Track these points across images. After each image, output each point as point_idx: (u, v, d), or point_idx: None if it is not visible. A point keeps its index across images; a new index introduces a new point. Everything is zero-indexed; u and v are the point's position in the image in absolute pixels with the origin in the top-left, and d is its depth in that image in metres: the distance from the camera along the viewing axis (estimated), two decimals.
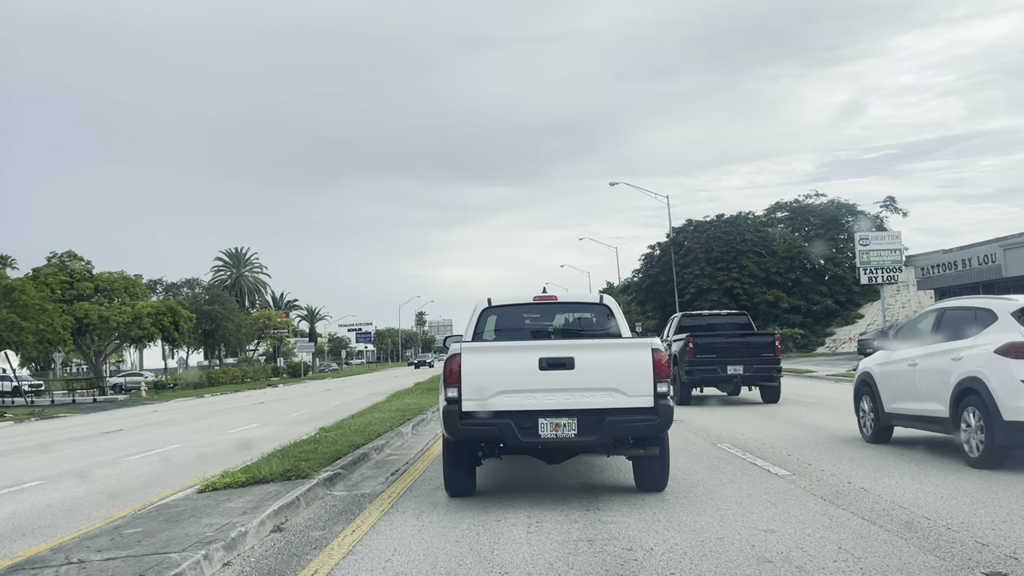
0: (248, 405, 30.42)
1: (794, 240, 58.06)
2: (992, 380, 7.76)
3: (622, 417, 6.64)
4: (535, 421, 6.65)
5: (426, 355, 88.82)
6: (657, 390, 6.65)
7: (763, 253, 57.37)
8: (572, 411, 6.65)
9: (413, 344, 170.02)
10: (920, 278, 47.69)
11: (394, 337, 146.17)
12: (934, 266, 45.27)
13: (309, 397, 33.71)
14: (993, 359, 7.84)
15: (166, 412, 29.34)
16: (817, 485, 7.30)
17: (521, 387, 6.69)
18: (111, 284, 44.18)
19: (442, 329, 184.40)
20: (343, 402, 26.37)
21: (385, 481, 8.84)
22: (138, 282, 46.73)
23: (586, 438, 6.67)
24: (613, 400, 6.66)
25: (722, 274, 57.05)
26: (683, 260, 58.52)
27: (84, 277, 43.30)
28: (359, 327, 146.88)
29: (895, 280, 41.62)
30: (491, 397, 6.66)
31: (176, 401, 38.14)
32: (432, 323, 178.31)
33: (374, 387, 37.32)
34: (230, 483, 8.02)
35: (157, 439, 16.91)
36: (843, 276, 56.88)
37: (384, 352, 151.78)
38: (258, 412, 25.38)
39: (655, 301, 63.73)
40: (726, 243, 57.87)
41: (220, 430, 18.37)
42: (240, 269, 76.15)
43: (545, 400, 6.68)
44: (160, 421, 23.85)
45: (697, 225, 60.75)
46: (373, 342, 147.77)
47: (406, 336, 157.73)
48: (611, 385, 6.68)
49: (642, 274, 66.60)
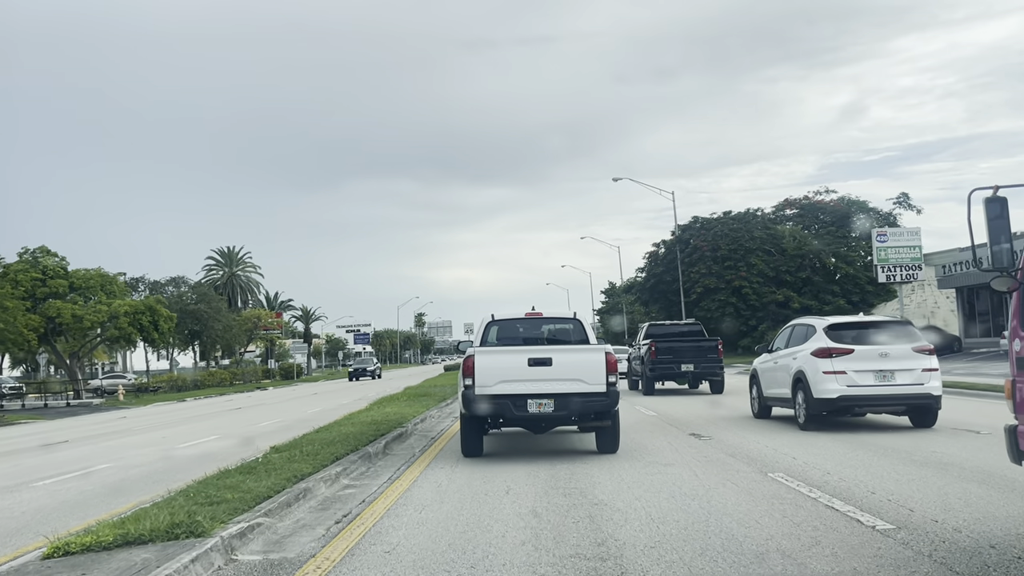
0: (223, 411, 27.97)
1: (804, 238, 55.54)
2: (808, 372, 11.71)
3: (585, 398, 9.50)
4: (525, 401, 9.49)
5: (367, 361, 60.56)
6: (608, 380, 9.51)
7: (772, 251, 54.90)
8: (551, 394, 9.49)
9: (412, 345, 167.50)
10: (940, 276, 45.17)
11: (393, 339, 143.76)
12: (955, 264, 42.75)
13: (292, 402, 31.27)
14: (810, 359, 11.75)
15: (134, 419, 26.89)
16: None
17: (515, 378, 9.51)
18: (87, 282, 41.57)
19: (441, 330, 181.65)
20: (324, 408, 23.95)
21: (325, 535, 6.39)
22: (115, 280, 44.09)
23: (560, 413, 9.58)
24: (579, 387, 9.50)
25: (730, 273, 54.56)
26: (689, 258, 56.03)
27: (58, 274, 40.69)
28: (357, 328, 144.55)
29: (914, 278, 39.18)
30: (494, 385, 9.49)
31: (154, 406, 35.71)
32: (431, 324, 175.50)
33: (365, 390, 34.88)
34: (90, 544, 5.57)
35: (95, 455, 14.48)
36: (855, 275, 54.32)
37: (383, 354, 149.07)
38: (228, 420, 22.94)
39: (660, 301, 61.23)
40: (734, 240, 55.36)
41: (172, 443, 15.93)
42: (232, 268, 73.61)
43: (532, 387, 9.50)
44: (117, 430, 21.40)
45: (704, 223, 58.26)
46: (372, 343, 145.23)
47: (404, 337, 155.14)
48: (577, 377, 9.53)
49: (646, 273, 64.04)
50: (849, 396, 11.36)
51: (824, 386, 11.46)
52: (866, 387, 11.36)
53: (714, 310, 54.20)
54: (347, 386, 46.55)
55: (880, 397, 11.40)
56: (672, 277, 57.28)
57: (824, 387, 11.45)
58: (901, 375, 11.38)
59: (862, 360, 11.42)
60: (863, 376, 11.40)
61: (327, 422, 15.69)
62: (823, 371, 11.53)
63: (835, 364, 11.49)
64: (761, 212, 59.35)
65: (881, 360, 11.44)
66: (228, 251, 73.41)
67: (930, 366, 11.48)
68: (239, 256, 73.69)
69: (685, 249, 56.36)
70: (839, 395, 11.37)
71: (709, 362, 21.66)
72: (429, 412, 18.09)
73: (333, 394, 35.71)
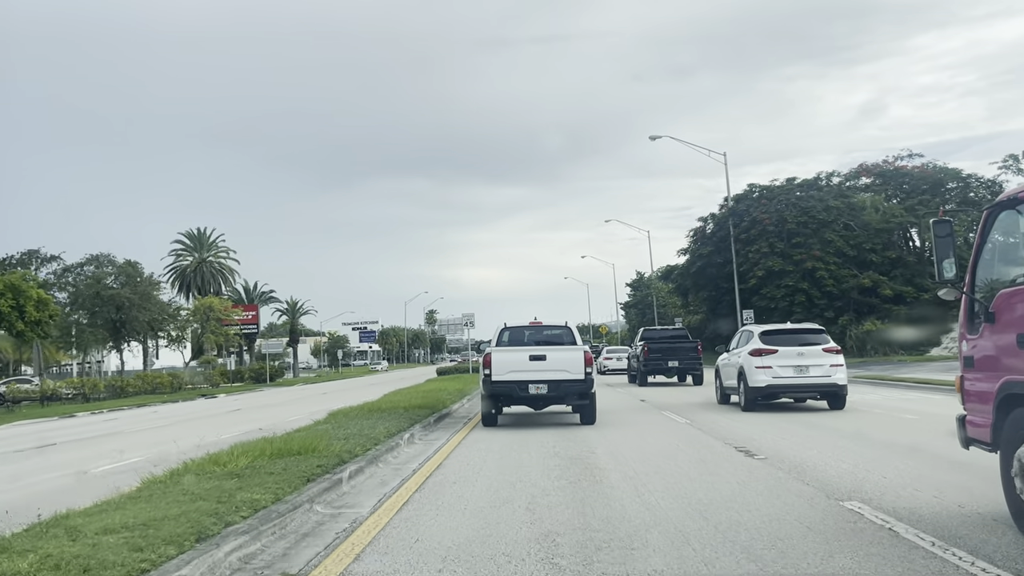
0: (68, 440, 17.76)
1: (891, 209, 44.39)
2: (746, 367, 15.53)
3: (570, 383, 13.50)
4: (527, 385, 13.52)
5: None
6: (586, 371, 13.48)
7: (852, 225, 43.83)
8: (545, 380, 13.49)
9: (421, 344, 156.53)
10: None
11: (400, 336, 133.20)
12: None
13: (204, 421, 20.91)
14: (747, 357, 15.61)
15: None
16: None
17: (520, 368, 13.58)
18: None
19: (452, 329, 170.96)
20: (238, 433, 13.68)
21: None
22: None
23: (552, 394, 13.59)
24: (565, 375, 13.50)
25: (799, 252, 43.60)
26: (746, 235, 45.17)
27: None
28: (364, 325, 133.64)
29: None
30: (505, 373, 13.56)
31: (9, 427, 25.09)
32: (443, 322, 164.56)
33: (339, 397, 25.67)
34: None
35: None
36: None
37: (390, 352, 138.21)
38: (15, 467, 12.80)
39: (708, 288, 50.28)
40: (803, 212, 44.44)
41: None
42: (203, 253, 63.45)
43: (532, 375, 13.53)
44: None
45: (763, 191, 47.27)
46: (378, 341, 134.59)
47: (413, 335, 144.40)
48: (564, 368, 13.53)
49: (689, 256, 53.04)
50: (774, 385, 15.10)
51: (756, 377, 15.16)
52: (787, 378, 15.08)
53: (779, 299, 43.20)
54: (322, 391, 36.28)
55: (798, 386, 15.17)
56: (724, 259, 46.58)
57: (756, 378, 15.16)
58: (814, 369, 15.08)
59: (784, 358, 15.14)
60: (785, 370, 15.07)
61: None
62: (756, 366, 15.22)
63: (764, 361, 15.21)
64: (831, 177, 48.17)
65: (798, 358, 15.14)
66: (198, 234, 63.31)
67: (836, 362, 15.15)
68: (211, 240, 63.53)
69: (740, 224, 45.43)
70: (766, 384, 15.09)
71: (691, 360, 26.39)
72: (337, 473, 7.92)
73: (288, 405, 26.18)
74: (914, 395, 18.29)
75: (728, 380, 16.94)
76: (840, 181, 47.68)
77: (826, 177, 47.72)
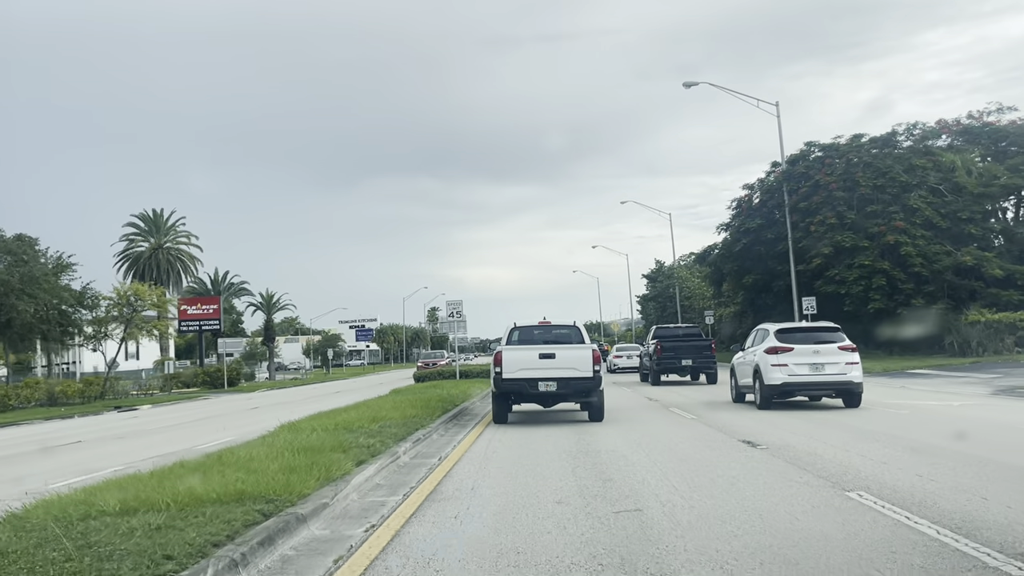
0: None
1: (990, 169, 35.15)
2: (762, 365, 15.78)
3: (578, 381, 14.18)
4: (536, 383, 14.14)
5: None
6: (594, 368, 14.13)
7: (941, 190, 34.49)
8: (554, 378, 14.07)
9: (421, 343, 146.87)
10: None
11: (398, 334, 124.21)
12: None
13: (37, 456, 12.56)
14: (763, 355, 15.81)
15: None
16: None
17: (530, 366, 14.16)
18: None
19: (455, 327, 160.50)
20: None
21: None
22: None
23: (561, 391, 14.31)
24: (574, 373, 14.12)
25: (875, 223, 34.41)
26: (805, 203, 36.10)
27: None
28: (361, 323, 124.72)
29: None
30: (516, 371, 14.20)
31: None
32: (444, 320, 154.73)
33: (303, 407, 20.84)
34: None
35: None
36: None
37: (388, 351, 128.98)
38: None
39: (756, 269, 41.83)
40: (880, 174, 35.63)
41: None
42: (160, 238, 55.00)
43: (542, 373, 14.08)
44: None
45: (826, 149, 38.43)
46: (376, 340, 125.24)
47: (412, 333, 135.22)
48: (573, 366, 14.14)
49: (731, 232, 44.21)
50: (790, 383, 15.55)
51: (772, 375, 15.56)
52: (803, 376, 15.43)
53: (851, 282, 34.75)
54: (289, 398, 32.12)
55: (813, 384, 15.55)
56: (776, 234, 38.11)
57: (772, 376, 15.56)
58: (829, 367, 15.35)
59: (800, 356, 15.47)
60: (800, 368, 15.40)
61: None
62: (771, 364, 15.60)
63: (780, 359, 15.56)
64: (908, 135, 38.84)
65: (814, 356, 15.46)
66: (154, 216, 55.35)
67: (852, 360, 15.44)
68: (168, 223, 55.13)
69: (797, 191, 36.27)
70: (783, 382, 15.52)
71: (704, 358, 26.54)
72: None
73: (221, 419, 23.87)
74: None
75: (743, 378, 17.67)
76: (920, 135, 38.37)
77: (905, 131, 38.51)
